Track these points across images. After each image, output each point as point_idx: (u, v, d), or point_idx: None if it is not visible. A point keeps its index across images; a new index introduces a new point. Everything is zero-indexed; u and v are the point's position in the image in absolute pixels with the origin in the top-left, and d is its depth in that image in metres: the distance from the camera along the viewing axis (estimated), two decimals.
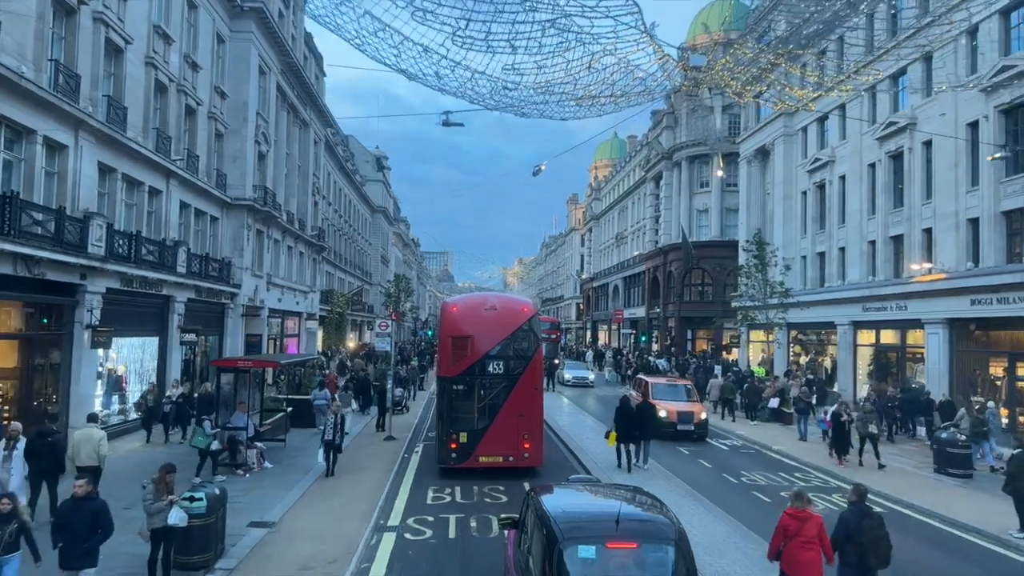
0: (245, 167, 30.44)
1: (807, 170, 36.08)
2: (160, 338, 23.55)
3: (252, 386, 19.10)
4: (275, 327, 37.13)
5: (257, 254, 32.70)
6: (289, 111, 38.56)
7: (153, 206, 23.76)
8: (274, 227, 34.74)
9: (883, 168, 29.83)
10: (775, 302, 31.51)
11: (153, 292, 22.36)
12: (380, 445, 20.93)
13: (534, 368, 17.32)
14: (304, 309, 41.87)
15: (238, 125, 30.20)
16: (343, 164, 59.80)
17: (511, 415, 16.65)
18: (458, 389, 16.99)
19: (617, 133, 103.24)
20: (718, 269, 53.09)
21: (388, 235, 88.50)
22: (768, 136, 39.88)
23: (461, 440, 16.59)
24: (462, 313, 18.03)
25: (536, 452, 16.88)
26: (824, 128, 35.35)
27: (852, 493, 9.36)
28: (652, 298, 62.72)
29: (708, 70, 13.92)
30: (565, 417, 28.56)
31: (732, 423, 27.55)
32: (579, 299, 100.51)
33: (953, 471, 18.15)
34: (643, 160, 66.00)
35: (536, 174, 20.78)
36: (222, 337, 29.48)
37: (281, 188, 36.75)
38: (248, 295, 30.97)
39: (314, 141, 44.14)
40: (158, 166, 22.99)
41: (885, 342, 29.91)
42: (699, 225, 55.35)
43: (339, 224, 58.41)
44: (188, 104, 25.77)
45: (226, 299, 29.17)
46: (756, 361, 41.10)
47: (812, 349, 36.88)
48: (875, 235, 30.34)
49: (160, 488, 9.55)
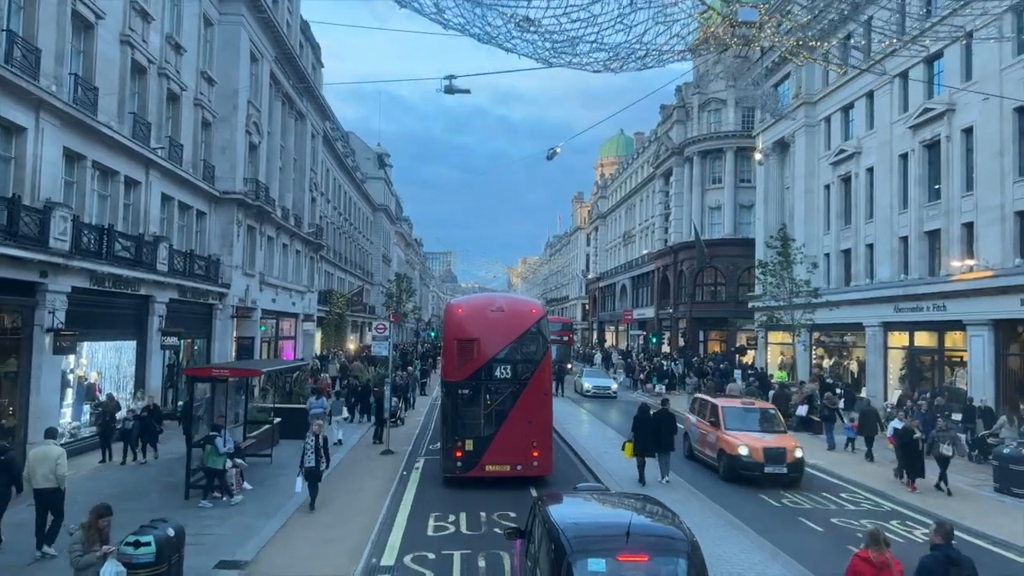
0: (235, 158, 28.55)
1: (831, 162, 34.08)
2: (138, 342, 21.68)
3: (234, 396, 17.18)
4: (269, 329, 35.25)
5: (248, 252, 30.83)
6: (284, 102, 36.69)
7: (131, 198, 21.88)
8: (267, 223, 32.86)
9: (916, 158, 27.84)
10: (801, 302, 29.49)
11: (129, 292, 20.48)
12: (376, 460, 19.00)
13: (543, 372, 16.50)
14: (301, 310, 39.99)
15: (227, 114, 28.32)
16: (343, 160, 57.93)
17: (519, 422, 15.81)
18: (463, 394, 16.26)
19: (624, 130, 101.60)
20: (731, 268, 51.13)
21: (390, 234, 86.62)
22: (788, 127, 37.88)
23: (467, 448, 15.76)
24: (468, 315, 17.14)
25: (546, 460, 16.09)
26: (849, 118, 33.35)
27: (935, 534, 7.47)
28: (662, 298, 60.72)
29: (759, 26, 11.94)
30: (577, 426, 26.68)
31: None
32: (585, 299, 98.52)
33: (1018, 491, 16.16)
34: (652, 156, 64.02)
35: (551, 157, 18.90)
36: (210, 340, 27.61)
37: (275, 182, 34.87)
38: (239, 295, 29.09)
39: (311, 134, 42.26)
40: (136, 155, 21.10)
41: (920, 344, 27.91)
42: (711, 222, 53.35)
43: (339, 222, 56.53)
44: (171, 89, 23.89)
45: (214, 299, 27.30)
46: (776, 364, 39.13)
47: (836, 352, 34.85)
48: (907, 230, 28.35)
49: (91, 536, 7.64)
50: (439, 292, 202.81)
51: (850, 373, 33.09)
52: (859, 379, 32.00)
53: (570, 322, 69.79)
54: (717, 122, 53.47)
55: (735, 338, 50.52)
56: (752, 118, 52.12)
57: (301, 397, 22.80)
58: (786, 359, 38.80)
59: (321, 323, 47.80)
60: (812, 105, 35.87)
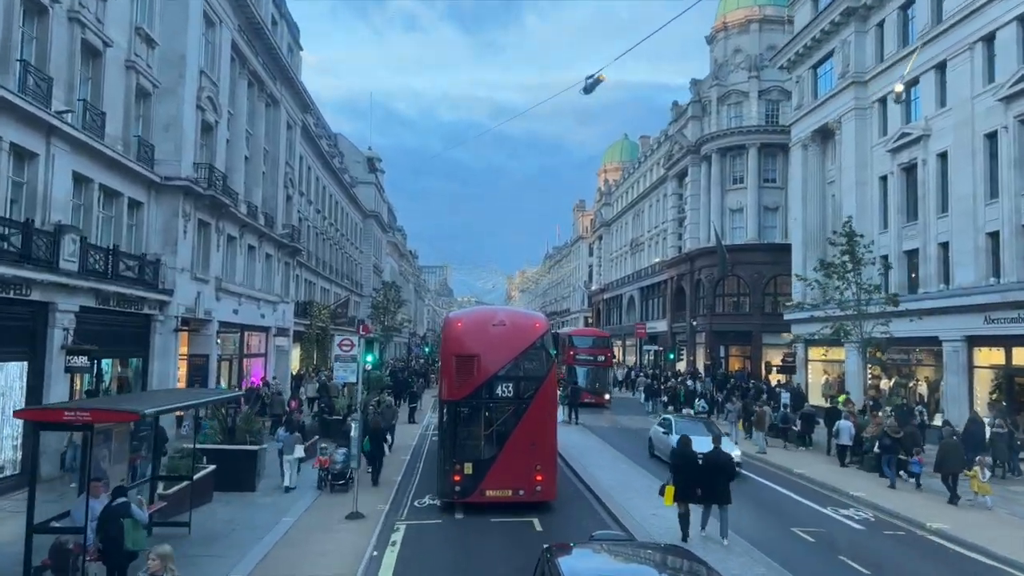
0: (182, 138, 23.48)
1: (889, 149, 29.12)
2: (31, 362, 16.48)
3: (128, 442, 11.98)
4: (231, 345, 30.05)
5: (201, 252, 25.71)
6: (252, 82, 31.70)
7: (25, 175, 16.77)
8: (227, 220, 27.74)
9: (1010, 137, 22.92)
10: (875, 309, 24.31)
11: (15, 296, 15.35)
12: (338, 530, 13.77)
13: (547, 391, 15.61)
14: (273, 323, 34.78)
15: (172, 83, 23.29)
16: (329, 160, 52.88)
17: (522, 444, 14.94)
18: (462, 414, 15.41)
19: (628, 135, 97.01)
20: (756, 276, 46.15)
21: (382, 243, 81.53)
22: (833, 112, 32.95)
23: (466, 471, 14.83)
24: (467, 329, 16.37)
25: (549, 485, 15.13)
26: (912, 96, 28.47)
27: None
28: (676, 310, 55.62)
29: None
30: (591, 454, 21.53)
31: (840, 474, 20.35)
32: (587, 312, 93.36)
33: None
34: (664, 156, 59.12)
35: (591, 88, 13.90)
36: (147, 360, 22.41)
37: (239, 174, 29.79)
38: (186, 304, 23.93)
39: (287, 124, 37.23)
40: (27, 116, 16.00)
41: (1020, 363, 22.81)
42: (732, 226, 48.40)
43: (323, 227, 51.42)
44: (88, 41, 18.84)
45: (151, 309, 22.13)
46: (820, 385, 34.03)
47: (896, 371, 29.66)
48: (998, 224, 23.40)
49: None
50: (435, 306, 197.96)
51: (917, 396, 27.94)
52: (928, 403, 26.92)
53: (608, 336, 48.07)
54: (738, 116, 48.63)
55: (760, 354, 45.52)
56: (778, 112, 47.42)
57: (249, 435, 17.53)
58: (832, 379, 33.70)
59: (300, 338, 42.61)
60: (863, 85, 30.99)
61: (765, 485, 19.17)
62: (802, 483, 19.51)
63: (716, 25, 51.35)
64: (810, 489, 18.74)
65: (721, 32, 50.59)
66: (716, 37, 51.34)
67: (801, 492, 18.30)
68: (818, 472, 20.33)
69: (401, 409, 29.67)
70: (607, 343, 43.15)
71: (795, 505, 16.97)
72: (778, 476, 20.49)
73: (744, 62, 48.84)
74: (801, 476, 20.11)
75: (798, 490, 18.55)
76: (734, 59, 49.74)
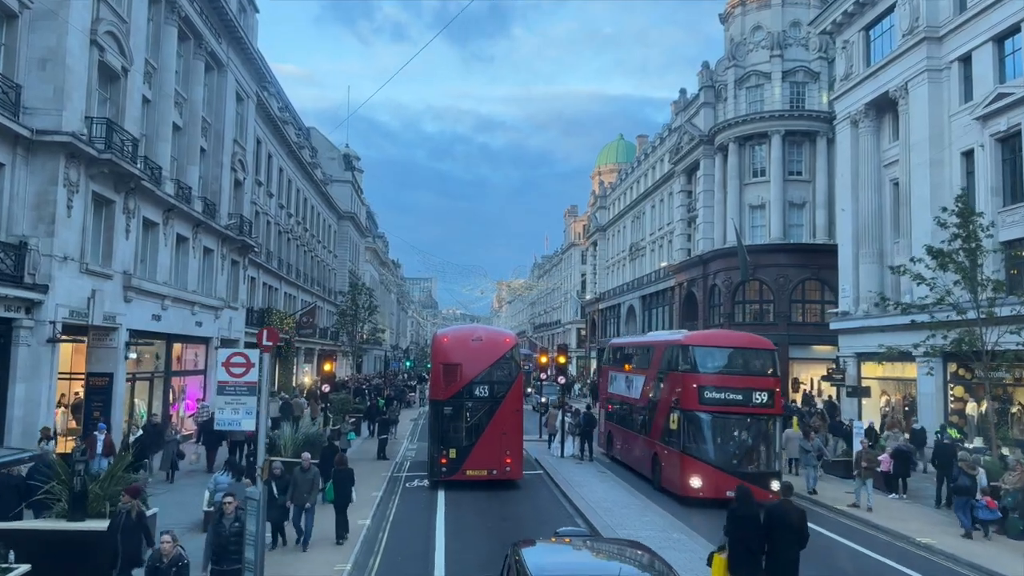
0: (64, 80, 17.29)
1: (977, 116, 23.44)
2: None
3: None
4: (150, 362, 23.75)
5: (101, 238, 19.51)
6: (188, 34, 25.59)
7: None
8: (143, 199, 21.53)
9: None
10: (1009, 313, 18.30)
11: None
12: None
13: (515, 392, 19.43)
14: (214, 333, 28.47)
15: (48, 6, 17.15)
16: (296, 151, 46.66)
17: (495, 433, 18.46)
18: (448, 411, 18.80)
19: (623, 135, 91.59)
20: (781, 281, 40.33)
21: (360, 248, 75.21)
22: (896, 77, 27.22)
23: (451, 456, 18.36)
24: (452, 343, 20.24)
25: (516, 467, 18.85)
26: (1004, 50, 22.88)
27: None
28: (686, 320, 49.60)
29: None
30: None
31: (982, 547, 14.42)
32: (580, 323, 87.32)
33: None
34: (670, 151, 53.40)
35: None
36: (6, 381, 16.12)
37: (165, 144, 23.62)
38: (72, 305, 17.66)
39: (237, 96, 31.10)
40: None
41: None
42: (752, 225, 42.65)
43: (289, 224, 45.16)
44: None
45: (13, 310, 15.89)
46: (879, 408, 28.16)
47: (986, 392, 23.75)
48: None
49: None
50: (419, 318, 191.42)
51: (1020, 422, 22.13)
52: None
53: (771, 347, 19.65)
54: (759, 100, 42.90)
55: (788, 369, 39.69)
56: (803, 95, 41.89)
57: (108, 502, 11.24)
58: (896, 402, 27.87)
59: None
60: (937, 42, 25.33)
61: (868, 556, 13.18)
62: (932, 559, 13.56)
63: (731, 0, 45.88)
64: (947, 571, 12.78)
65: (738, 7, 45.03)
66: (731, 14, 45.77)
67: None
68: (948, 544, 14.33)
69: (365, 443, 23.41)
70: (770, 360, 18.90)
71: None
72: (878, 541, 14.57)
73: (765, 40, 43.25)
74: (927, 548, 14.14)
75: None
76: (753, 37, 44.13)
